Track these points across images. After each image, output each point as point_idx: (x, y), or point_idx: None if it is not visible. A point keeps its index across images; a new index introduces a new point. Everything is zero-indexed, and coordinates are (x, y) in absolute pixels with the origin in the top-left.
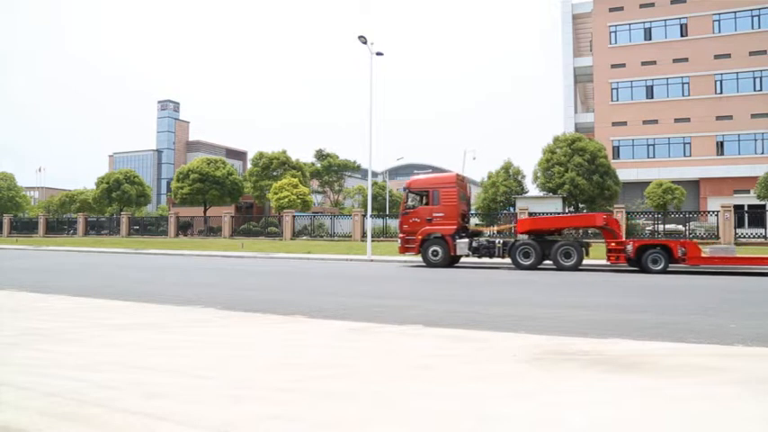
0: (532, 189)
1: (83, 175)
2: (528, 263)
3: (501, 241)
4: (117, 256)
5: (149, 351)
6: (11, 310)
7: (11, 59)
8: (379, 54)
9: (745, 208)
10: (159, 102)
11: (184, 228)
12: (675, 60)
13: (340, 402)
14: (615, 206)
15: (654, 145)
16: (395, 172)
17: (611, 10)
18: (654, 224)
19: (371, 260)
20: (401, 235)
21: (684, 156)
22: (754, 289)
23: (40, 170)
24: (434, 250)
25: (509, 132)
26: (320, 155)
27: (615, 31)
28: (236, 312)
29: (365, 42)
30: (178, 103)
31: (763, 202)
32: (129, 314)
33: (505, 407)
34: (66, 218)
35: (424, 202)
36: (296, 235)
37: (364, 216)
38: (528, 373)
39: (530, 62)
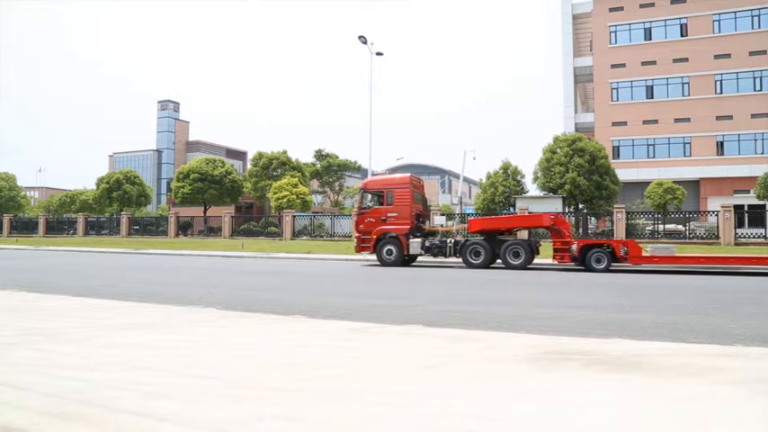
0: (532, 189)
1: (83, 175)
2: (478, 262)
3: (452, 241)
4: (117, 256)
5: (149, 351)
6: (11, 310)
7: (11, 59)
8: (379, 54)
9: (745, 208)
10: (159, 102)
11: (184, 228)
12: (675, 60)
13: (340, 402)
14: (615, 206)
15: (654, 145)
16: (395, 172)
17: (611, 10)
18: (654, 224)
19: (371, 260)
20: (357, 234)
21: (684, 156)
22: (748, 289)
23: (40, 170)
24: (389, 249)
25: (509, 132)
26: (320, 155)
27: (615, 31)
28: (236, 312)
29: (365, 42)
30: (178, 103)
31: (762, 202)
32: (129, 314)
33: (505, 407)
34: (66, 218)
35: (380, 202)
36: (296, 235)
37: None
38: (528, 372)
39: (530, 62)
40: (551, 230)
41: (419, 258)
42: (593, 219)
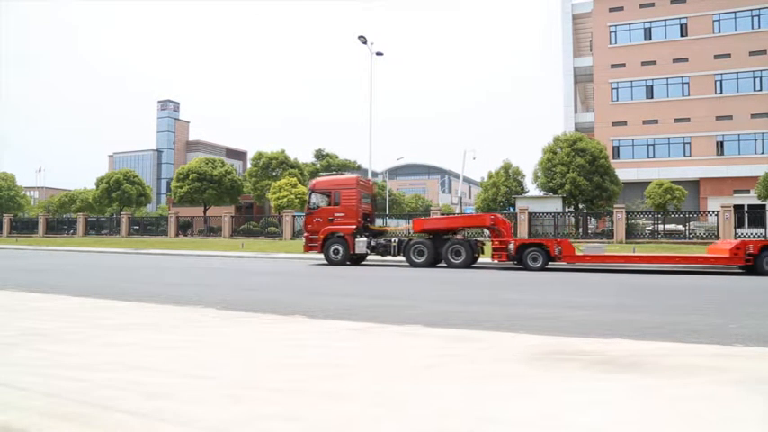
0: (532, 189)
1: (83, 175)
2: (421, 261)
3: (396, 240)
4: (117, 256)
5: (149, 351)
6: (10, 310)
7: (11, 59)
8: (379, 54)
9: (745, 208)
10: (159, 102)
11: (184, 228)
12: (675, 60)
13: (340, 402)
14: (615, 206)
15: (654, 145)
16: (395, 172)
17: (611, 10)
18: (654, 224)
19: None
20: (306, 234)
21: (684, 156)
22: (748, 289)
23: (40, 170)
24: (335, 249)
25: (509, 132)
26: (319, 155)
27: (615, 31)
28: (236, 312)
29: (365, 42)
30: (178, 103)
31: (763, 202)
32: (129, 314)
33: (506, 407)
34: (66, 218)
35: (328, 202)
36: (296, 235)
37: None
38: (528, 372)
39: (530, 62)
40: (491, 230)
41: (369, 257)
42: (592, 219)
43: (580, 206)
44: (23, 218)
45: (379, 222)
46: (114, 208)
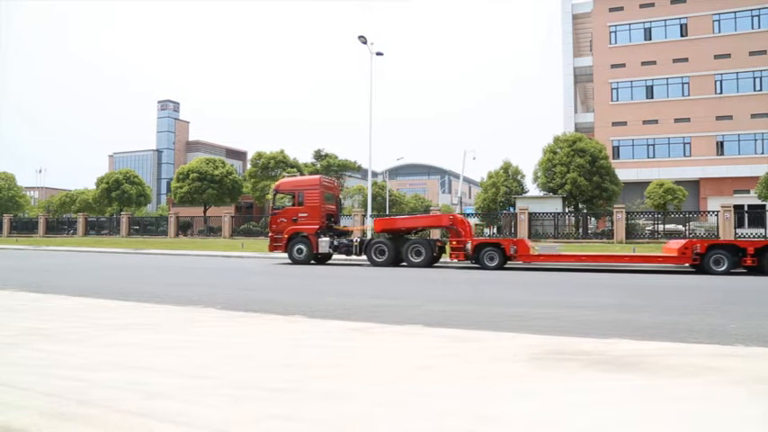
0: (532, 189)
1: (83, 175)
2: (382, 260)
3: (358, 240)
4: (117, 256)
5: (149, 351)
6: (10, 310)
7: (11, 59)
8: (379, 54)
9: (746, 208)
10: (159, 102)
11: (184, 228)
12: (675, 60)
13: (340, 402)
14: (615, 206)
15: (654, 145)
16: (395, 172)
17: (611, 10)
18: (654, 224)
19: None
20: (270, 234)
21: (684, 156)
22: (747, 289)
23: (40, 170)
24: (299, 248)
25: (509, 132)
26: (319, 155)
27: (615, 31)
28: (236, 312)
29: (365, 42)
30: (178, 103)
31: (763, 202)
32: (129, 314)
33: (506, 407)
34: (66, 218)
35: (292, 203)
36: None
37: (364, 216)
38: (528, 372)
39: (530, 62)
40: (450, 230)
41: (334, 257)
42: (592, 219)
43: (580, 206)
44: (23, 218)
45: None
46: (114, 208)
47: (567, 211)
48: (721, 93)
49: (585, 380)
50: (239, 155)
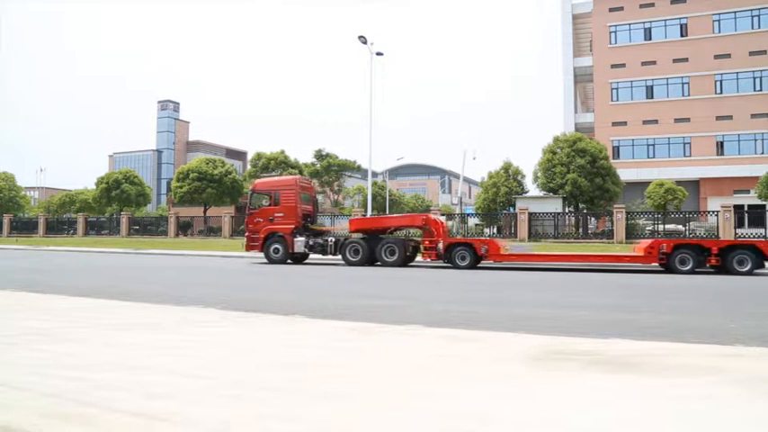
0: (532, 189)
1: (83, 175)
2: (356, 259)
3: (333, 239)
4: (117, 256)
5: (149, 351)
6: (10, 310)
7: (11, 59)
8: (379, 54)
9: (746, 208)
10: (159, 102)
11: (184, 228)
12: (675, 60)
13: (340, 402)
14: (615, 206)
15: (654, 145)
16: (395, 172)
17: (611, 10)
18: (654, 224)
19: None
20: (247, 234)
21: (684, 156)
22: (746, 288)
23: (40, 170)
24: (275, 248)
25: (509, 132)
26: (319, 155)
27: (615, 31)
28: (236, 312)
29: (365, 42)
30: (178, 103)
31: (763, 202)
32: (129, 314)
33: (506, 407)
34: (66, 218)
35: (269, 203)
36: None
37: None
38: (528, 372)
39: (530, 62)
40: (424, 230)
41: (311, 257)
42: (593, 219)
43: (580, 206)
44: (23, 218)
45: None
46: (114, 208)
47: (567, 211)
48: (721, 93)
49: (585, 380)
50: (239, 155)
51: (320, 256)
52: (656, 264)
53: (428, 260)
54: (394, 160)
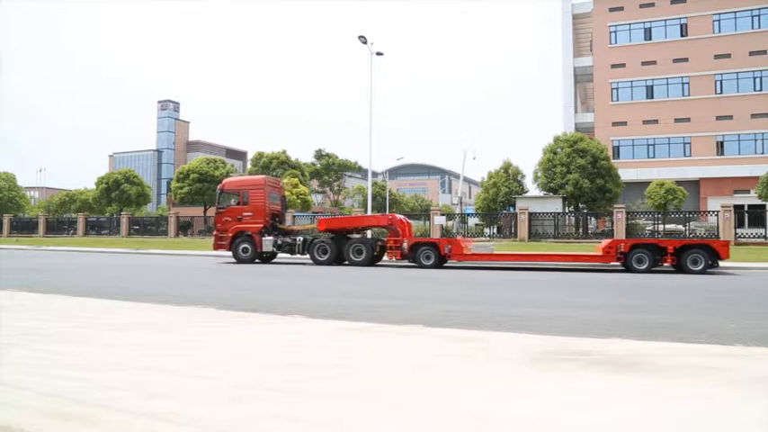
0: (532, 189)
1: (83, 175)
2: (324, 258)
3: (301, 239)
4: (117, 256)
5: (149, 351)
6: (10, 310)
7: (11, 59)
8: (379, 54)
9: (746, 208)
10: (159, 102)
11: (184, 228)
12: (675, 60)
13: (340, 402)
14: (615, 206)
15: (654, 145)
16: (395, 172)
17: (611, 10)
18: (654, 224)
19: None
20: (215, 233)
21: (684, 156)
22: (745, 289)
23: (40, 170)
24: (244, 247)
25: (509, 132)
26: (320, 155)
27: (615, 31)
28: (235, 312)
29: (365, 42)
30: (178, 103)
31: (763, 202)
32: (129, 314)
33: (506, 407)
34: (66, 218)
35: (237, 202)
36: None
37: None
38: (528, 372)
39: (530, 62)
40: (389, 230)
41: (279, 256)
42: (593, 219)
43: (580, 206)
44: (23, 218)
45: None
46: (114, 208)
47: (567, 211)
48: (721, 93)
49: (585, 380)
50: (239, 155)
51: (288, 255)
52: (616, 263)
53: (393, 260)
54: (394, 160)
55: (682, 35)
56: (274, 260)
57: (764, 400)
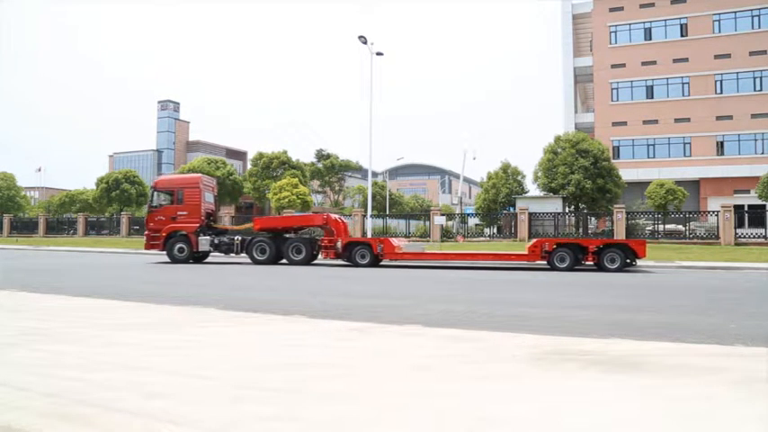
0: (533, 189)
1: (83, 175)
2: (263, 258)
3: (239, 238)
4: (117, 256)
5: (149, 351)
6: (11, 310)
7: (11, 59)
8: (379, 54)
9: (746, 208)
10: (159, 102)
11: None
12: (675, 60)
13: (340, 402)
14: (615, 206)
15: (654, 145)
16: (395, 172)
17: (611, 10)
18: (654, 224)
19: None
20: (147, 232)
21: (684, 156)
22: (745, 289)
23: (39, 170)
24: (180, 247)
25: (509, 132)
26: (320, 155)
27: (615, 31)
28: (235, 312)
29: (365, 42)
30: (178, 103)
31: (763, 202)
32: (128, 314)
33: (505, 407)
34: (66, 218)
35: (170, 201)
36: None
37: (364, 216)
38: (528, 373)
39: (530, 62)
40: (324, 229)
41: (210, 255)
42: (593, 219)
43: (580, 206)
44: (23, 218)
45: (378, 222)
46: (114, 208)
47: (567, 211)
48: (721, 93)
49: (585, 380)
50: (239, 155)
51: (222, 254)
52: (541, 261)
53: (327, 258)
54: (394, 160)
55: (682, 35)
56: (206, 260)
57: (764, 401)
